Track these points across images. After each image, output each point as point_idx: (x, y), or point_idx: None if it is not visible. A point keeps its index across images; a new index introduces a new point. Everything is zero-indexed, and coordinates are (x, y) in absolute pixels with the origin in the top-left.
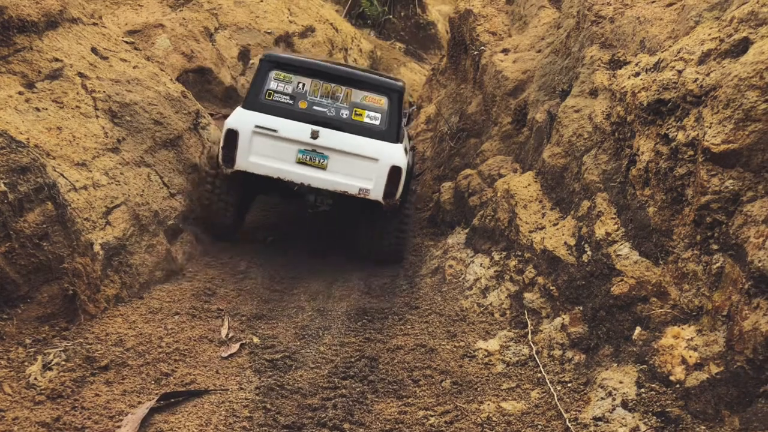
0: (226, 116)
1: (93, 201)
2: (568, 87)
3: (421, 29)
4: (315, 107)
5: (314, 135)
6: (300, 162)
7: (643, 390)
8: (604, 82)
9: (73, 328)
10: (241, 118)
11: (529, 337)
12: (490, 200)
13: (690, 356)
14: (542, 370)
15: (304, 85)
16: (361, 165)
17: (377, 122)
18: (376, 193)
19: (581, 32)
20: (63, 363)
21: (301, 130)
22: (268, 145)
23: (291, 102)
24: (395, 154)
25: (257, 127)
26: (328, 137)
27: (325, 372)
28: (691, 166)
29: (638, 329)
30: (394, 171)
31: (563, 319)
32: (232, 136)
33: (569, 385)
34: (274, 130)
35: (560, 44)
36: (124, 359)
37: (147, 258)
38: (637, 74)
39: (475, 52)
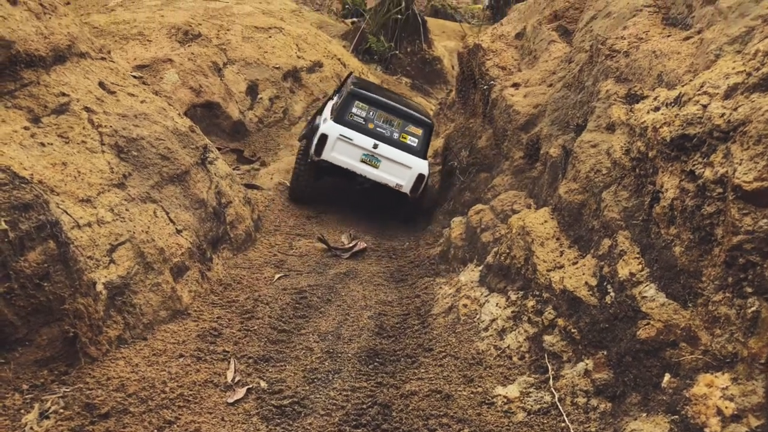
0: (233, 150)
1: (97, 238)
2: (583, 121)
3: (427, 64)
4: (378, 128)
5: (375, 146)
6: (362, 161)
7: None
8: (621, 117)
9: (73, 372)
10: (332, 128)
11: (551, 383)
12: (504, 237)
13: (726, 407)
14: (566, 419)
15: (373, 113)
16: (400, 169)
17: (414, 144)
18: (406, 188)
19: (595, 66)
20: (61, 411)
21: (367, 142)
22: (344, 148)
23: (364, 122)
24: (422, 166)
25: (340, 135)
26: (383, 149)
27: (336, 419)
28: (720, 205)
29: (668, 376)
30: (420, 177)
31: (587, 364)
32: (323, 138)
33: None
34: (351, 139)
35: (573, 78)
36: (125, 406)
37: (151, 297)
38: (657, 109)
39: (485, 87)
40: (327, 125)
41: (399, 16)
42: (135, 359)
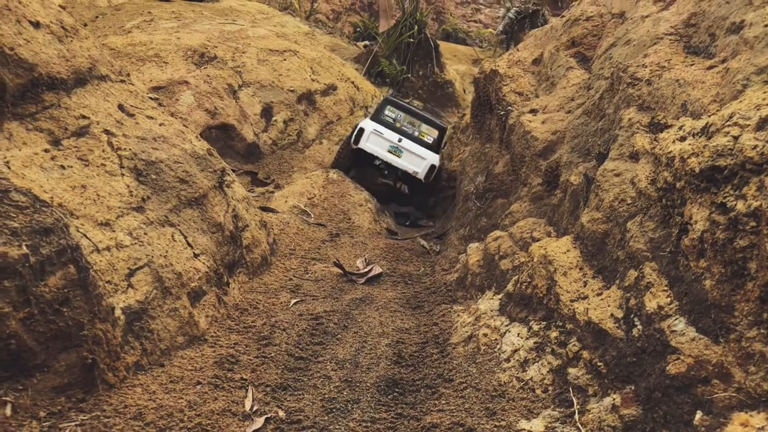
0: (248, 172)
1: (116, 262)
2: (605, 149)
3: (438, 88)
4: (403, 127)
5: (399, 140)
6: (389, 151)
7: None
8: (645, 146)
9: (90, 399)
10: (368, 124)
11: (576, 417)
12: (524, 265)
13: None
14: None
15: (400, 115)
16: (417, 159)
17: (430, 141)
18: (422, 175)
19: (616, 94)
20: None
21: (394, 136)
22: (376, 140)
23: (393, 121)
24: (434, 158)
25: (374, 129)
26: (405, 143)
27: None
28: (753, 238)
29: (699, 414)
30: (432, 166)
31: (614, 399)
32: (361, 131)
33: None
34: (381, 133)
35: (592, 105)
36: None
37: (169, 322)
38: (684, 138)
39: (502, 112)
40: (365, 122)
41: (411, 40)
42: (152, 386)
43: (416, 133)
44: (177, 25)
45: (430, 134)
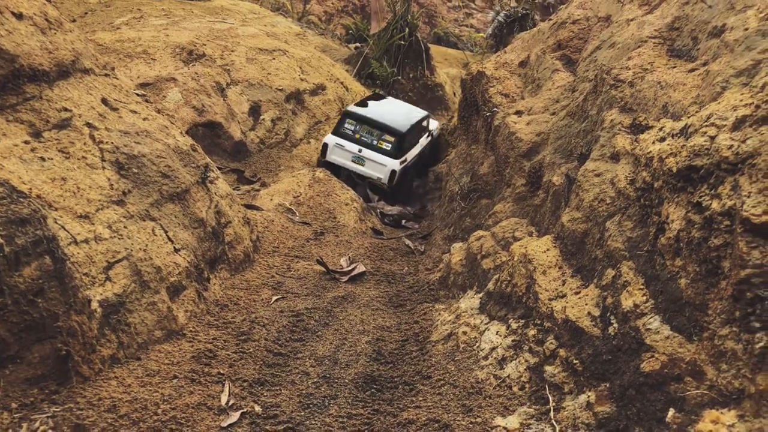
0: (234, 170)
1: (94, 255)
2: (587, 150)
3: (428, 90)
4: (362, 137)
5: (360, 150)
6: (352, 161)
7: None
8: (626, 147)
9: (63, 391)
10: (330, 138)
11: (551, 414)
12: (505, 264)
13: None
14: None
15: (359, 126)
16: (378, 166)
17: (389, 148)
18: (384, 180)
19: (599, 96)
20: (50, 431)
21: (354, 147)
22: (339, 152)
23: (352, 133)
24: (394, 164)
25: (336, 143)
26: (366, 152)
27: None
28: (727, 237)
29: (672, 411)
30: (393, 172)
31: (588, 396)
32: (325, 145)
33: None
34: (342, 145)
35: (576, 107)
36: (116, 428)
37: (147, 316)
38: (663, 139)
39: (488, 114)
40: (328, 137)
41: (402, 43)
42: (128, 379)
43: (375, 142)
44: (166, 22)
45: (388, 141)
